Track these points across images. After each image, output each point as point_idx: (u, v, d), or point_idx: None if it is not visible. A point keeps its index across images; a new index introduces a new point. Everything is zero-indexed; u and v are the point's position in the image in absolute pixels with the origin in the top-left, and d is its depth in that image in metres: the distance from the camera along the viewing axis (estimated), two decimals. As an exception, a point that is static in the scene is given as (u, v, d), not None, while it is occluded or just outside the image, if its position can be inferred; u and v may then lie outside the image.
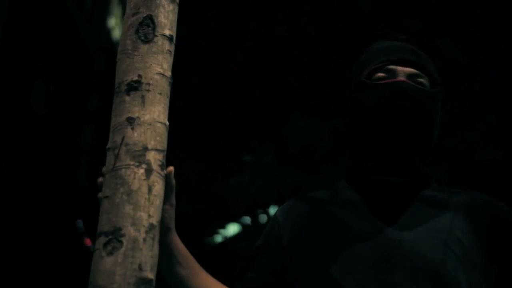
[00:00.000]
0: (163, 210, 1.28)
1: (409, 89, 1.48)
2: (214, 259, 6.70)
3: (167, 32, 1.31)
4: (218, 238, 7.37)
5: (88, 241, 5.76)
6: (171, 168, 1.31)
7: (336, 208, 1.48)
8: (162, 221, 1.27)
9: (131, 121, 1.21)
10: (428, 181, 1.50)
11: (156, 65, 1.27)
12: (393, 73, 1.51)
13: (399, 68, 1.51)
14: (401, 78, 1.50)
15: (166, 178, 1.23)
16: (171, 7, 1.33)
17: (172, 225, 1.36)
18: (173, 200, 1.35)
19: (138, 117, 1.21)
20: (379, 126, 1.47)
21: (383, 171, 1.46)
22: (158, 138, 1.22)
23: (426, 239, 1.37)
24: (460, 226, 1.41)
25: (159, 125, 1.23)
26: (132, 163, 1.17)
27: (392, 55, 1.54)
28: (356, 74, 1.56)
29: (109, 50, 5.87)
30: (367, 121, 1.49)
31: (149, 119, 1.22)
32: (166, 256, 1.35)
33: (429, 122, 1.49)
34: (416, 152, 1.48)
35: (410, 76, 1.51)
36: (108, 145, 1.22)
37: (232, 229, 7.30)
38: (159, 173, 1.19)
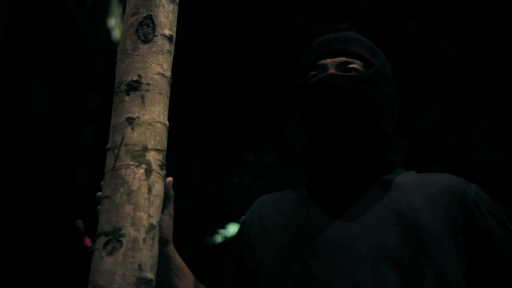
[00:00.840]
0: (163, 222, 1.28)
1: (335, 79, 1.46)
2: (214, 259, 6.69)
3: (167, 32, 1.31)
4: (218, 238, 7.36)
5: (88, 241, 5.76)
6: (170, 179, 1.31)
7: (292, 206, 1.48)
8: (161, 234, 1.27)
9: (131, 121, 1.21)
10: (387, 167, 1.48)
11: (156, 65, 1.27)
12: (323, 68, 1.50)
13: (328, 60, 1.50)
14: (331, 70, 1.48)
15: (165, 189, 1.23)
16: (171, 7, 1.34)
17: (170, 237, 1.37)
18: (171, 210, 1.35)
19: (138, 117, 1.21)
20: (318, 124, 1.47)
21: (332, 167, 1.46)
22: (158, 138, 1.22)
23: (384, 228, 1.35)
24: (423, 211, 1.38)
25: (159, 125, 1.23)
26: (132, 163, 1.17)
27: (319, 49, 1.53)
28: (296, 79, 1.56)
29: (109, 50, 5.86)
30: (309, 122, 1.49)
31: (149, 119, 1.22)
32: (163, 268, 1.36)
33: (368, 106, 1.46)
34: (361, 140, 1.44)
35: (339, 65, 1.49)
36: (108, 145, 1.22)
37: (232, 229, 7.28)
38: (159, 173, 1.19)
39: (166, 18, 1.31)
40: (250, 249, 1.47)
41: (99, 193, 1.26)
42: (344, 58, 1.48)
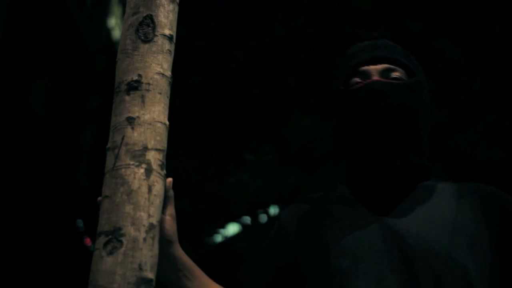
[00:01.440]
0: (164, 223, 1.28)
1: (383, 87, 1.46)
2: (214, 259, 6.69)
3: (167, 32, 1.31)
4: (218, 238, 7.36)
5: (88, 241, 5.76)
6: (170, 180, 1.31)
7: (337, 206, 1.49)
8: (164, 235, 1.27)
9: (131, 120, 1.21)
10: (426, 175, 1.50)
11: (156, 64, 1.27)
12: (366, 74, 1.51)
13: (371, 67, 1.51)
14: (375, 77, 1.49)
15: (165, 189, 1.23)
16: (171, 6, 1.34)
17: (175, 237, 1.36)
18: (172, 210, 1.35)
19: (138, 117, 1.21)
20: (363, 130, 1.47)
21: (375, 173, 1.47)
22: (158, 138, 1.22)
23: (431, 227, 1.38)
24: (466, 214, 1.40)
25: (159, 124, 1.23)
26: (132, 162, 1.17)
27: (362, 56, 1.53)
28: (334, 83, 1.56)
29: (109, 50, 5.86)
30: (351, 127, 1.49)
31: (149, 119, 1.22)
32: (171, 269, 1.35)
33: (411, 114, 1.47)
34: (406, 147, 1.46)
35: (383, 72, 1.50)
36: (108, 145, 1.22)
37: (232, 229, 7.28)
38: (159, 173, 1.19)
39: (166, 18, 1.31)
40: (292, 254, 1.45)
41: (100, 198, 1.26)
42: (388, 65, 1.49)
